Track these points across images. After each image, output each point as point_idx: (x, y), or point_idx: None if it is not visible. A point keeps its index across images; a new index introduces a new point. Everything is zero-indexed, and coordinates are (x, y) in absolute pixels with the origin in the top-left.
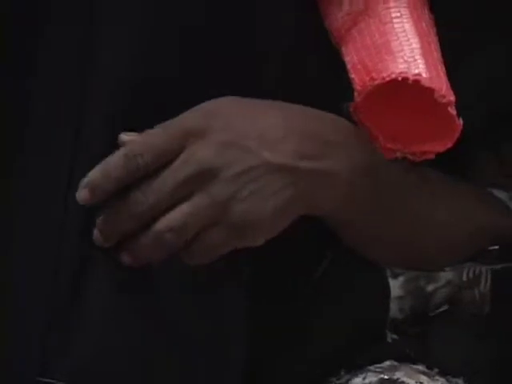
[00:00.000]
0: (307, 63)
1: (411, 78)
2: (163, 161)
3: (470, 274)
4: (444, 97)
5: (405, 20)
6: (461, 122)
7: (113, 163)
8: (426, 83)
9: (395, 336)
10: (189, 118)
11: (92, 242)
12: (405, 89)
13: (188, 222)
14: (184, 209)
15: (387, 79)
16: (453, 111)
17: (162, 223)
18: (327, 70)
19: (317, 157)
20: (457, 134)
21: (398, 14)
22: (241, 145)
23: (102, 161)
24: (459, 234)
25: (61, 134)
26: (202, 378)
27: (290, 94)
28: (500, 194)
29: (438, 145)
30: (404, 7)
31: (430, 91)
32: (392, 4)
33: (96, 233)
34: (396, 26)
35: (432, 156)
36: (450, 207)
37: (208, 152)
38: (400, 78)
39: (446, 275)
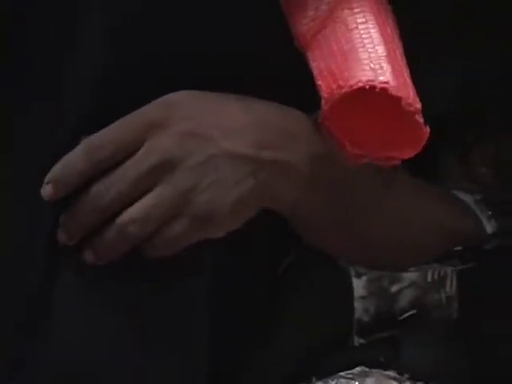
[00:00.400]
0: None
1: (378, 86)
2: (125, 153)
3: (435, 276)
4: (411, 105)
5: (370, 26)
6: (427, 129)
7: (74, 157)
8: (393, 91)
9: (362, 340)
10: (150, 110)
11: (58, 244)
12: (372, 96)
13: (151, 214)
14: (147, 200)
15: (354, 87)
16: (420, 119)
17: (125, 215)
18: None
19: (277, 147)
20: (423, 142)
21: (364, 20)
22: (201, 134)
23: (65, 155)
24: (422, 232)
25: (38, 134)
26: (167, 366)
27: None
28: (465, 197)
29: (404, 151)
30: (369, 12)
31: (397, 99)
32: (357, 10)
33: (60, 231)
34: (362, 31)
35: (398, 162)
36: (413, 204)
37: (169, 142)
38: (367, 87)
39: (410, 276)
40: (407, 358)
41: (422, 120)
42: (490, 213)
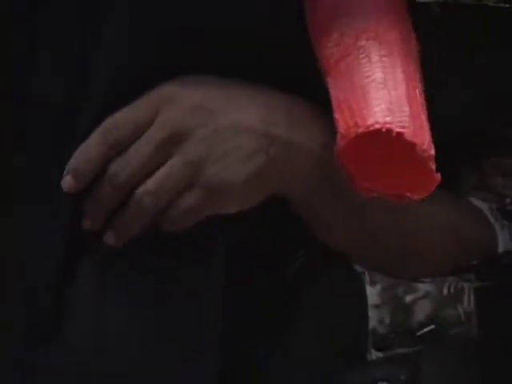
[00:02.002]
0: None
1: (395, 130)
2: (139, 131)
3: (452, 289)
4: (425, 151)
5: (393, 60)
6: (439, 176)
7: (91, 142)
8: (409, 137)
9: (380, 354)
10: (160, 88)
11: (78, 238)
12: (387, 135)
13: (164, 185)
14: (160, 173)
15: (371, 128)
16: (432, 165)
17: (140, 189)
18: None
19: (286, 127)
20: (433, 187)
21: (387, 53)
22: (210, 106)
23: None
24: (435, 235)
25: (57, 126)
26: (179, 364)
27: None
28: (481, 205)
29: (414, 192)
30: (393, 44)
31: (412, 144)
32: (382, 41)
33: (84, 219)
34: (385, 65)
35: (408, 202)
36: (427, 207)
37: (178, 115)
38: (384, 129)
39: (425, 287)
40: (427, 377)
41: (434, 166)
42: (505, 222)
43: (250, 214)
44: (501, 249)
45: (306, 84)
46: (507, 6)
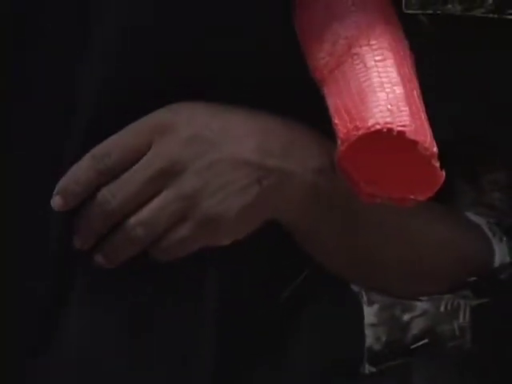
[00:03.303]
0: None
1: (396, 129)
2: (132, 159)
3: (448, 306)
4: (427, 149)
5: (388, 64)
6: (443, 173)
7: (82, 166)
8: (411, 135)
9: (373, 369)
10: (154, 116)
11: (72, 257)
12: (388, 136)
13: (157, 217)
14: (154, 204)
15: (372, 129)
16: (435, 163)
17: (133, 219)
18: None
19: (281, 155)
20: (438, 185)
21: (382, 57)
22: (205, 138)
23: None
24: (431, 253)
25: (57, 126)
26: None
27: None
28: (478, 220)
29: (419, 193)
30: (387, 49)
31: (413, 143)
32: (375, 46)
33: (74, 237)
34: (380, 70)
35: (412, 204)
36: (423, 225)
37: (174, 147)
38: (385, 129)
39: (423, 305)
40: None
41: (437, 164)
42: (504, 238)
43: (245, 239)
44: (497, 263)
45: (307, 86)
46: (495, 16)
